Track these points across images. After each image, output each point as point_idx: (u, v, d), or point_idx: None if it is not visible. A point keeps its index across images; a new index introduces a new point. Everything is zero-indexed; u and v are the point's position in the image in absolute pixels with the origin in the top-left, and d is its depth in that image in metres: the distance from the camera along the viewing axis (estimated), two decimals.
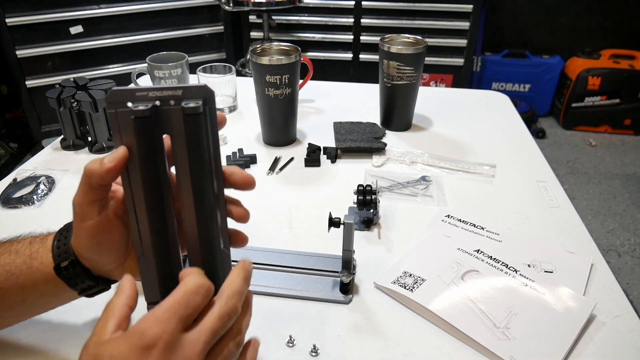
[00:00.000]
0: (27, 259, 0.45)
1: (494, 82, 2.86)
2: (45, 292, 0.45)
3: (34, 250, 0.45)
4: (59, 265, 0.43)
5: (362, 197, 0.70)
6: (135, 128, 0.37)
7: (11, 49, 2.08)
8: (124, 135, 0.38)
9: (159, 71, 1.05)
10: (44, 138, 2.32)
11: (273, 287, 0.60)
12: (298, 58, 0.87)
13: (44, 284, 0.45)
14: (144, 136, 0.37)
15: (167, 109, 0.38)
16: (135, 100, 0.38)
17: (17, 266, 0.44)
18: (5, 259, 0.45)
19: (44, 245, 0.45)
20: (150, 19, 2.26)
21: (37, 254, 0.45)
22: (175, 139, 0.39)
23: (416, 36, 0.97)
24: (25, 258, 0.45)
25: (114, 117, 0.38)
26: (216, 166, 0.40)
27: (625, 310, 0.57)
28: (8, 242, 0.47)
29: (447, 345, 0.53)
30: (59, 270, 0.43)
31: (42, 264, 0.44)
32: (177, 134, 0.39)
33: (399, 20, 2.42)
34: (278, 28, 2.47)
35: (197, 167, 0.39)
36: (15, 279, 0.44)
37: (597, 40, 2.81)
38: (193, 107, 0.37)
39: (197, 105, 0.37)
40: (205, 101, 0.38)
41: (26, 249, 0.46)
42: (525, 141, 0.98)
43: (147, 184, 0.39)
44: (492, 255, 0.64)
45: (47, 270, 0.44)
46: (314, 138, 0.97)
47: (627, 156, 2.56)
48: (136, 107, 0.36)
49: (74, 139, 0.92)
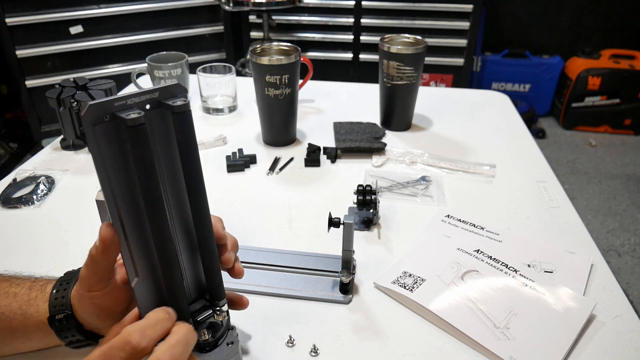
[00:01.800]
0: (24, 304, 0.45)
1: (494, 82, 2.85)
2: (34, 338, 0.46)
3: (32, 297, 0.45)
4: (54, 316, 0.44)
5: (362, 197, 0.70)
6: (132, 139, 0.34)
7: (11, 49, 2.08)
8: (106, 153, 0.35)
9: (159, 71, 1.05)
10: (44, 138, 2.32)
11: (273, 287, 0.60)
12: (298, 58, 0.87)
13: (34, 331, 0.45)
14: (142, 146, 0.35)
15: (150, 112, 0.37)
16: (115, 111, 0.34)
17: (13, 310, 0.45)
18: (2, 301, 0.45)
19: (43, 293, 0.45)
20: (150, 19, 2.26)
21: (34, 300, 0.45)
22: (160, 142, 0.38)
23: (416, 36, 0.97)
24: (22, 303, 0.45)
25: (92, 135, 0.34)
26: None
27: (625, 310, 0.57)
28: (7, 281, 0.47)
29: (447, 345, 0.53)
30: (52, 321, 0.44)
31: (37, 312, 0.44)
32: (162, 137, 0.38)
33: (399, 20, 2.42)
34: (278, 28, 2.47)
35: (191, 164, 0.39)
36: (8, 322, 0.45)
37: (597, 40, 2.81)
38: (181, 104, 0.36)
39: (185, 102, 0.37)
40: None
41: (25, 294, 0.46)
42: (525, 141, 0.98)
43: (150, 196, 0.36)
44: (492, 255, 0.64)
45: (40, 319, 0.44)
46: (314, 138, 0.97)
47: (627, 156, 2.56)
48: (128, 116, 0.34)
49: (74, 139, 0.92)
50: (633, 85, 2.62)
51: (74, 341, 0.45)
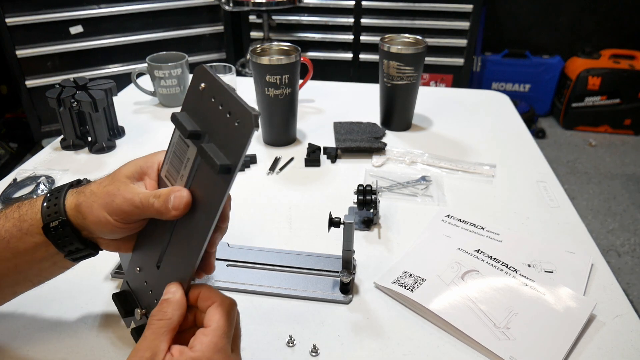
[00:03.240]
0: (17, 221, 0.44)
1: (494, 82, 2.85)
2: (37, 256, 0.45)
3: (23, 212, 0.45)
4: (48, 225, 0.43)
5: (362, 197, 0.70)
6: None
7: (11, 49, 2.08)
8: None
9: (159, 71, 1.05)
10: (44, 138, 2.32)
11: (273, 287, 0.60)
12: (298, 58, 0.87)
13: (34, 247, 0.44)
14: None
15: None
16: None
17: (7, 230, 0.44)
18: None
19: (33, 207, 0.45)
20: (150, 19, 2.26)
21: (26, 215, 0.44)
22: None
23: (416, 36, 0.97)
24: (14, 221, 0.44)
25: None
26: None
27: (625, 310, 0.57)
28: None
29: (447, 345, 0.53)
30: (48, 230, 0.43)
31: (32, 225, 0.44)
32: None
33: (399, 20, 2.42)
34: (278, 28, 2.47)
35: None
36: (6, 243, 0.44)
37: (597, 40, 2.81)
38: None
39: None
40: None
41: (14, 212, 0.45)
42: (525, 141, 0.98)
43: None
44: (492, 255, 0.64)
45: (36, 232, 0.44)
46: (314, 138, 0.97)
47: (627, 156, 2.56)
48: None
49: (74, 139, 0.92)
50: (633, 85, 2.62)
51: (73, 250, 0.45)
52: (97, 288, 0.60)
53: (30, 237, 0.44)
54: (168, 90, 1.08)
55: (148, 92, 1.11)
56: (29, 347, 0.52)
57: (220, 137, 0.39)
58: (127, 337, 0.51)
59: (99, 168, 0.87)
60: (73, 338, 0.53)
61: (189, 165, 0.41)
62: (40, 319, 0.55)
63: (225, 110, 0.38)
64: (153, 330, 0.39)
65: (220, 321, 0.39)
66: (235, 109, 0.37)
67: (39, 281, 0.48)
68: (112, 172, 0.45)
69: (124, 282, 0.49)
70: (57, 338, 0.53)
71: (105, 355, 0.51)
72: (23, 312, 0.56)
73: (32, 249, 0.44)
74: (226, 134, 0.38)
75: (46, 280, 0.48)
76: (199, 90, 0.40)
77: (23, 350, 0.52)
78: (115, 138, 0.96)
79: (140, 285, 0.47)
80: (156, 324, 0.39)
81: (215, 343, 0.38)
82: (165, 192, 0.41)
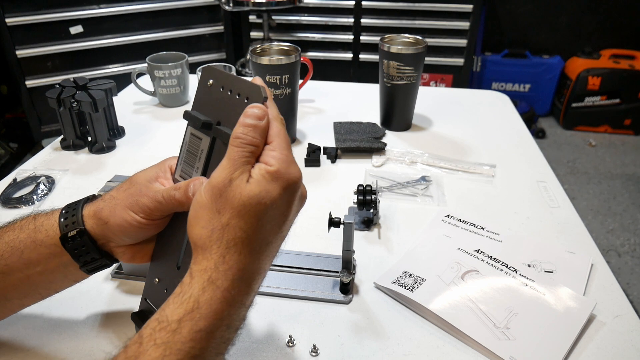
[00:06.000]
0: (32, 232, 0.44)
1: (494, 82, 2.85)
2: (50, 267, 0.45)
3: (39, 223, 0.45)
4: (66, 235, 0.43)
5: (362, 197, 0.70)
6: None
7: (11, 49, 2.08)
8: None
9: (159, 71, 1.05)
10: (44, 138, 2.32)
11: (273, 287, 0.60)
12: (298, 58, 0.87)
13: (47, 258, 0.44)
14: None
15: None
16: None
17: (22, 241, 0.44)
18: (9, 236, 0.45)
19: (49, 219, 0.45)
20: (150, 19, 2.26)
21: (41, 226, 0.45)
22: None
23: (416, 36, 0.97)
24: (29, 232, 0.44)
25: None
26: None
27: (625, 310, 0.57)
28: (11, 222, 0.47)
29: (447, 345, 0.53)
30: (66, 240, 0.43)
31: (47, 237, 0.44)
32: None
33: (399, 20, 2.42)
34: (278, 28, 2.47)
35: None
36: (19, 253, 0.44)
37: (597, 40, 2.81)
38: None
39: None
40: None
41: (30, 223, 0.45)
42: (525, 141, 0.98)
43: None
44: (492, 255, 0.64)
45: (51, 242, 0.44)
46: (314, 138, 0.97)
47: (627, 156, 2.56)
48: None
49: (74, 139, 0.92)
50: (633, 85, 2.62)
51: (88, 261, 0.45)
52: (97, 288, 0.60)
53: (44, 249, 0.44)
54: (168, 90, 1.08)
55: (148, 92, 1.11)
56: (29, 348, 0.52)
57: (233, 120, 0.40)
58: (127, 337, 0.50)
59: (99, 168, 0.87)
60: (73, 338, 0.53)
61: (203, 157, 0.43)
62: (41, 319, 0.55)
63: (234, 94, 0.40)
64: (242, 154, 0.39)
65: (281, 134, 0.40)
66: (244, 88, 0.40)
67: (48, 294, 0.48)
68: (128, 178, 0.46)
69: (142, 300, 0.49)
70: (57, 338, 0.53)
71: (105, 355, 0.51)
72: (23, 313, 0.56)
73: (45, 260, 0.44)
74: (238, 114, 0.39)
75: (55, 292, 0.49)
76: (207, 86, 0.43)
77: (23, 350, 0.52)
78: (115, 138, 0.96)
79: (160, 296, 0.46)
80: (246, 147, 0.39)
81: (287, 155, 0.39)
82: (184, 183, 0.42)
